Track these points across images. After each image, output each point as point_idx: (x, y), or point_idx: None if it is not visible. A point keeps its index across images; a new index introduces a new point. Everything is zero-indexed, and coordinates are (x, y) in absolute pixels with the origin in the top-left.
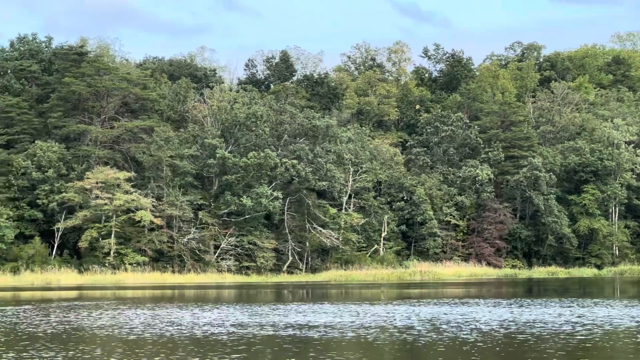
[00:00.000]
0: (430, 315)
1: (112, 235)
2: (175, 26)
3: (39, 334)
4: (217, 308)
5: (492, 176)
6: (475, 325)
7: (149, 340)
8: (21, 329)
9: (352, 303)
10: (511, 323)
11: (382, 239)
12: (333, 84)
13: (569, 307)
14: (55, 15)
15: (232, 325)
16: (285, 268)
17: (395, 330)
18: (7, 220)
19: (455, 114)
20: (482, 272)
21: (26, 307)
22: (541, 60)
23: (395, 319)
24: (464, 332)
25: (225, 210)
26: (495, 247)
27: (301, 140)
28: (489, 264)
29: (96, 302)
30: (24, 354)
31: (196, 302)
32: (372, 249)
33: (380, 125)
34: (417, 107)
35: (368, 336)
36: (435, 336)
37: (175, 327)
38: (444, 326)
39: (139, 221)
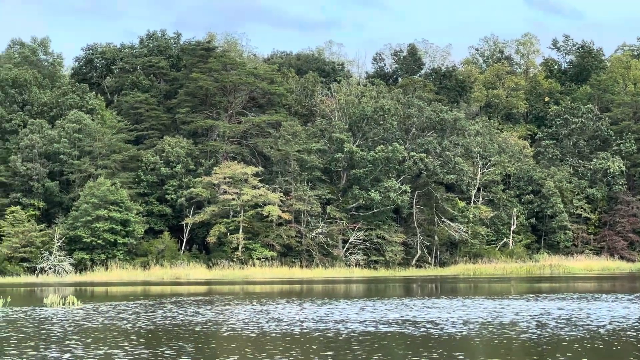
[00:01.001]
0: (542, 310)
1: (240, 230)
2: (304, 21)
3: (137, 329)
4: (329, 303)
5: (624, 168)
6: (584, 322)
7: (243, 336)
8: (122, 324)
9: (470, 297)
10: (623, 320)
11: (511, 232)
12: (461, 77)
13: None
14: (186, 12)
15: (333, 321)
16: (413, 262)
17: (499, 326)
18: (137, 216)
19: (586, 106)
20: (615, 266)
21: (139, 302)
22: None
23: (504, 315)
24: (569, 329)
25: (354, 205)
26: (629, 240)
27: (429, 134)
28: (622, 257)
29: (211, 297)
30: (116, 350)
31: (313, 297)
32: (501, 243)
33: (508, 118)
34: (546, 99)
35: (468, 333)
36: (538, 332)
37: (275, 323)
38: (551, 322)
39: (267, 216)
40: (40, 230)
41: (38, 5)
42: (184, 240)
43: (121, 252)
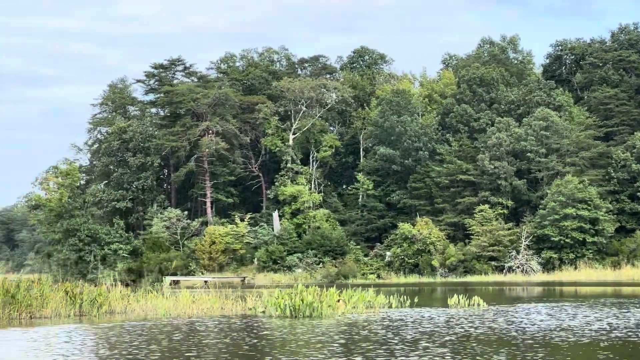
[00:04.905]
0: None
1: None
2: None
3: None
4: None
5: None
6: None
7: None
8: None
9: None
10: None
11: None
12: None
13: None
14: None
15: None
16: None
17: None
18: (606, 214)
19: None
20: None
21: (564, 303)
22: None
23: None
24: None
25: None
26: None
27: None
28: None
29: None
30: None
31: None
32: None
33: None
34: None
35: None
36: None
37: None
38: None
39: None
40: (508, 229)
41: (513, 6)
42: None
43: (590, 251)
